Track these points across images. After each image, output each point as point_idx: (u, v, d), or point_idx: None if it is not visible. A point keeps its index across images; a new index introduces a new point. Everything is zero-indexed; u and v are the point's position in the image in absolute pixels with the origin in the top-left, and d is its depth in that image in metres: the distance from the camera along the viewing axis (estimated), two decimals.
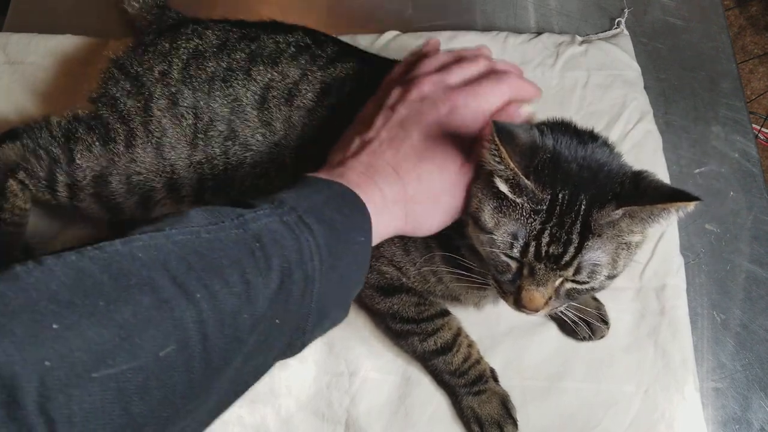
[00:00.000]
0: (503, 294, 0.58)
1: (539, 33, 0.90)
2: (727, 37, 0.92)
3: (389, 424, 0.69)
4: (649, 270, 0.75)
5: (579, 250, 0.52)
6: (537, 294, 0.55)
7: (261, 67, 0.70)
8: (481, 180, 0.56)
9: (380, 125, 0.58)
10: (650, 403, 0.69)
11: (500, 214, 0.54)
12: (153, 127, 0.69)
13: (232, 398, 0.44)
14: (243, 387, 0.45)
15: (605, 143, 0.58)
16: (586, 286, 0.55)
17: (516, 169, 0.51)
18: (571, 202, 0.52)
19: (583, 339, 0.71)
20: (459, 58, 0.63)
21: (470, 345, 0.69)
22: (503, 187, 0.53)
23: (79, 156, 0.70)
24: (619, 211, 0.52)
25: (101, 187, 0.70)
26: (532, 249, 0.53)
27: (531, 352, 0.71)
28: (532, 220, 0.52)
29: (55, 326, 0.33)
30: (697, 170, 0.83)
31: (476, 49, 0.66)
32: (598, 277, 0.54)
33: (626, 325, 0.72)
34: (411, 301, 0.68)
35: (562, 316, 0.63)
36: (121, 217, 0.72)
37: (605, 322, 0.71)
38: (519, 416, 0.68)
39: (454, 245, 0.63)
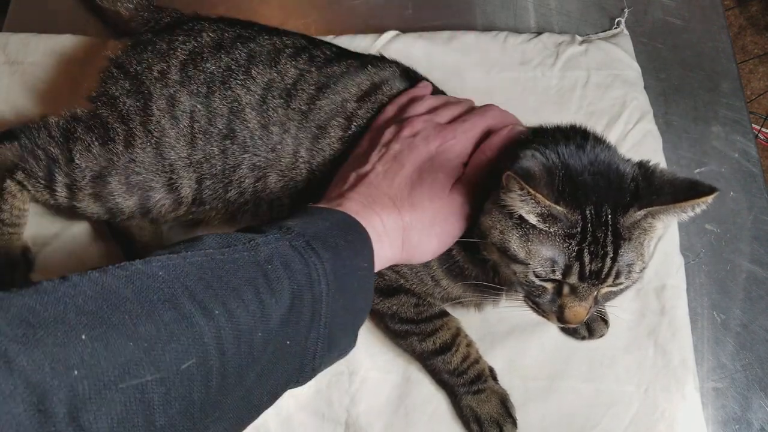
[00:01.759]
0: (543, 313, 0.58)
1: (539, 33, 0.90)
2: (727, 37, 0.92)
3: (389, 423, 0.69)
4: (649, 270, 0.74)
5: (615, 259, 0.53)
6: (580, 309, 0.56)
7: (261, 67, 0.70)
8: (495, 212, 0.56)
9: (376, 160, 0.61)
10: (650, 403, 0.69)
11: (530, 243, 0.54)
12: (152, 127, 0.69)
13: (247, 418, 0.46)
14: (257, 408, 0.46)
15: (597, 138, 0.58)
16: (622, 286, 0.56)
17: (550, 203, 0.51)
18: (598, 215, 0.52)
19: (583, 338, 0.71)
20: (446, 103, 0.69)
21: (469, 344, 0.69)
22: (533, 220, 0.53)
23: (78, 156, 0.70)
24: (642, 212, 0.53)
25: (100, 187, 0.70)
26: (576, 271, 0.53)
27: (531, 351, 0.71)
28: (567, 243, 0.53)
29: (83, 337, 0.34)
30: (697, 170, 0.83)
31: (463, 99, 0.72)
32: (633, 275, 0.55)
33: (626, 325, 0.72)
34: (410, 302, 0.68)
35: None
36: (120, 217, 0.72)
37: (605, 322, 0.71)
38: (519, 416, 0.68)
39: (457, 260, 0.63)
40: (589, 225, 0.52)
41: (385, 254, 0.56)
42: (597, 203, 0.52)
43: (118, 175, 0.70)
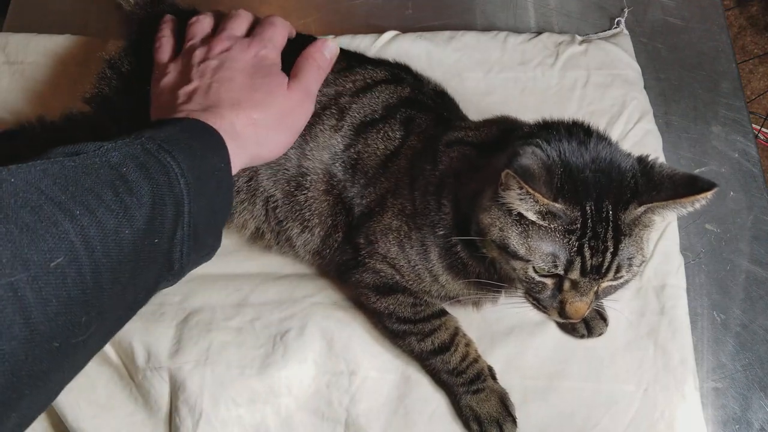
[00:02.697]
0: (543, 309, 0.58)
1: (539, 33, 0.90)
2: (727, 37, 0.92)
3: (389, 423, 0.68)
4: (649, 270, 0.74)
5: (615, 254, 0.53)
6: (581, 304, 0.56)
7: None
8: (494, 209, 0.56)
9: (199, 76, 0.63)
10: (650, 403, 0.69)
11: (530, 239, 0.54)
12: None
13: (125, 316, 0.48)
14: (133, 305, 0.48)
15: (599, 135, 0.58)
16: (623, 280, 0.56)
17: (548, 201, 0.51)
18: (599, 211, 0.52)
19: (582, 336, 0.71)
20: (226, 17, 0.71)
21: (468, 344, 0.69)
22: (532, 217, 0.53)
23: None
24: (642, 208, 0.53)
25: None
26: (577, 266, 0.53)
27: (531, 351, 0.71)
28: (567, 239, 0.53)
29: None
30: (697, 170, 0.84)
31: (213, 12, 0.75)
32: (633, 268, 0.55)
33: (626, 324, 0.72)
34: (407, 301, 0.68)
35: None
36: None
37: (604, 320, 0.71)
38: (519, 415, 0.68)
39: (458, 254, 0.63)
40: (589, 221, 0.52)
41: (239, 155, 0.57)
42: (597, 199, 0.52)
43: None
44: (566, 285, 0.56)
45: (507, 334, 0.72)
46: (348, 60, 0.74)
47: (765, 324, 0.75)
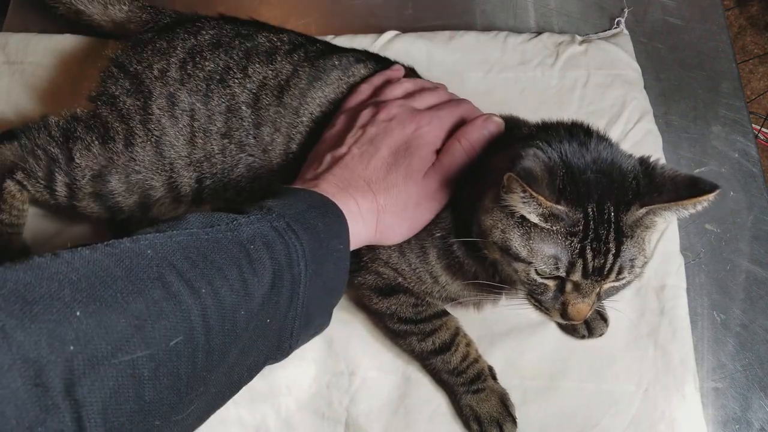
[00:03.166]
0: (545, 311, 0.58)
1: (539, 33, 0.90)
2: (727, 37, 0.92)
3: (389, 423, 0.69)
4: (649, 270, 0.74)
5: (617, 255, 0.53)
6: (583, 305, 0.56)
7: (257, 65, 0.70)
8: (496, 211, 0.56)
9: (351, 142, 0.62)
10: (650, 403, 0.69)
11: (532, 241, 0.54)
12: (152, 126, 0.69)
13: (227, 394, 0.47)
14: (237, 384, 0.48)
15: (600, 136, 0.58)
16: (625, 281, 0.56)
17: (551, 204, 0.51)
18: (600, 213, 0.52)
19: (583, 337, 0.71)
20: (421, 88, 0.69)
21: (468, 344, 0.69)
22: (534, 219, 0.53)
23: (78, 155, 0.70)
24: (643, 210, 0.53)
25: (100, 186, 0.70)
26: (579, 268, 0.53)
27: (531, 351, 0.71)
28: (569, 241, 0.53)
29: (78, 313, 0.36)
30: (697, 170, 0.83)
31: (436, 83, 0.73)
32: (636, 270, 0.55)
33: (626, 324, 0.72)
34: (409, 301, 0.68)
35: None
36: (119, 216, 0.72)
37: (604, 320, 0.71)
38: (519, 415, 0.68)
39: (456, 256, 0.63)
40: (591, 222, 0.52)
41: (359, 235, 0.57)
42: (599, 201, 0.52)
43: (118, 174, 0.70)
44: (568, 287, 0.55)
45: (507, 334, 0.72)
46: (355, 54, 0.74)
47: (765, 324, 0.75)
